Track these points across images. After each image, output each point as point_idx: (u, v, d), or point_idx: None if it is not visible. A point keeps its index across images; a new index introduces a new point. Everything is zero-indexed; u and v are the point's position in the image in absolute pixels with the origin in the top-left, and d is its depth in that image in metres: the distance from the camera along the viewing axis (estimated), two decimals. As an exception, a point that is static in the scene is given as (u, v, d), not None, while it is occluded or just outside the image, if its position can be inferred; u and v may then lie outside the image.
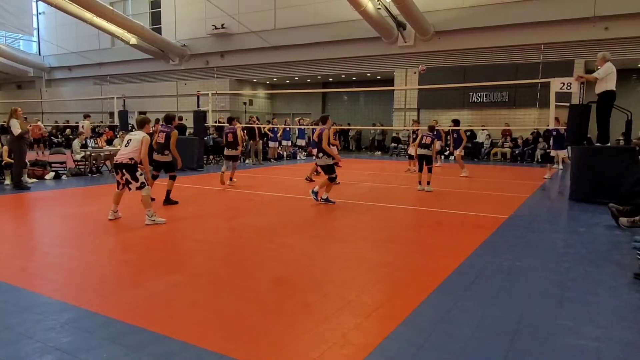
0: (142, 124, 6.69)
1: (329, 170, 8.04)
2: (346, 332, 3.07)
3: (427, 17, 19.00)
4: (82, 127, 17.55)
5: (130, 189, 6.31)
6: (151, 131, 8.82)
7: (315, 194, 8.12)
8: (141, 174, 6.28)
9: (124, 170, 6.24)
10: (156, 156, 7.93)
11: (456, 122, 13.38)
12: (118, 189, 6.50)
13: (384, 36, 20.30)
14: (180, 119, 10.03)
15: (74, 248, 5.21)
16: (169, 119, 8.12)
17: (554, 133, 12.88)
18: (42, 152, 17.42)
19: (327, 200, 8.09)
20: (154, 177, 8.02)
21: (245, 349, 2.84)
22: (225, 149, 10.43)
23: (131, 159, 6.21)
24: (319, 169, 9.38)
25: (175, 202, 7.80)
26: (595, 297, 3.77)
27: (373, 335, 3.06)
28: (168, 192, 7.85)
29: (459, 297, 3.74)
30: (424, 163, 9.85)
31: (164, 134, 7.82)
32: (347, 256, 4.91)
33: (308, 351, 2.83)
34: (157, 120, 10.50)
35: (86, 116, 18.70)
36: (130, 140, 6.33)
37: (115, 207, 6.56)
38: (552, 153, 13.72)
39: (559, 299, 3.74)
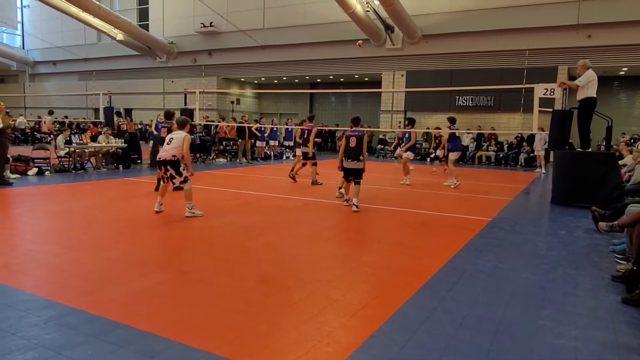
0: (183, 124, 7.09)
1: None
2: (331, 331, 3.10)
3: (415, 21, 19.16)
4: (44, 122, 17.54)
5: (174, 183, 6.87)
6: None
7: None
8: (185, 169, 6.77)
9: (168, 167, 6.69)
10: None
11: (411, 121, 11.88)
12: (164, 182, 7.05)
13: (372, 38, 20.40)
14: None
15: (58, 245, 5.16)
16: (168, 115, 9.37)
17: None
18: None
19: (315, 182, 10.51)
20: None
21: (230, 347, 2.86)
22: None
23: (174, 156, 6.67)
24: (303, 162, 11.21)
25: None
26: (574, 298, 3.86)
27: (358, 334, 3.10)
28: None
29: (443, 297, 3.80)
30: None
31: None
32: (333, 255, 4.95)
33: (293, 349, 2.86)
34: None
35: (51, 112, 18.83)
36: (173, 139, 6.80)
37: (161, 199, 6.99)
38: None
39: (539, 299, 3.82)
